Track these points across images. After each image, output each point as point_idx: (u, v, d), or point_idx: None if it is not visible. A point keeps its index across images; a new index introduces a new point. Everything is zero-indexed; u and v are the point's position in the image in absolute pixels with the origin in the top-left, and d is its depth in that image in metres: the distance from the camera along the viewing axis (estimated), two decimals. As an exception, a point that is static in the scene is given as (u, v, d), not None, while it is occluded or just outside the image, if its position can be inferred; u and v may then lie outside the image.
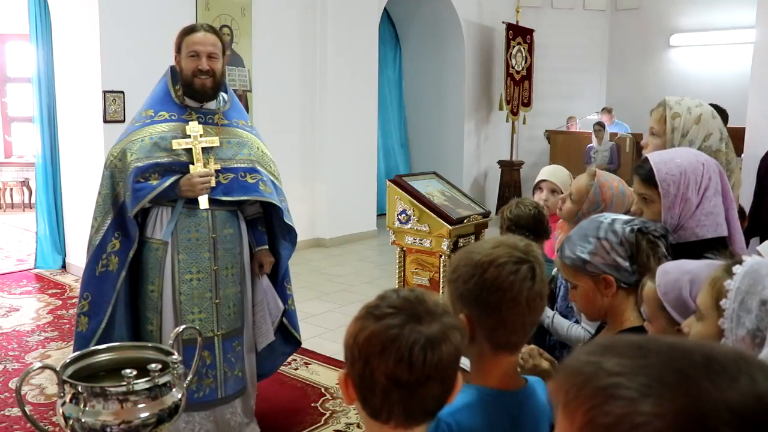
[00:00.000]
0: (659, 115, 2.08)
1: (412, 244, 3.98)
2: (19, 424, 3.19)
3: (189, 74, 2.67)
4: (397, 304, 1.03)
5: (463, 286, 1.26)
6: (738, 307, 1.10)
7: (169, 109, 2.72)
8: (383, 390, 0.99)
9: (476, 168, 9.74)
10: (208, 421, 2.80)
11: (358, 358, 1.01)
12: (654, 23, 10.01)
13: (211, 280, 2.74)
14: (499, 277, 1.23)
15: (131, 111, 5.33)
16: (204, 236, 2.71)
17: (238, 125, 2.85)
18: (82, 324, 2.69)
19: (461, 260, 1.29)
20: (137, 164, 2.60)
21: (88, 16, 5.40)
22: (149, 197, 2.60)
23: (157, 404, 1.72)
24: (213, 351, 2.77)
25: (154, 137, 2.65)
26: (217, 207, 2.73)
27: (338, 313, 5.04)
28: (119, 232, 2.67)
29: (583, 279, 1.59)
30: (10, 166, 9.47)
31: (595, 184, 2.22)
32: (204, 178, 2.63)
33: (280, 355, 3.20)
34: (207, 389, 2.76)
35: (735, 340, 1.09)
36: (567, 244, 1.63)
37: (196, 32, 2.69)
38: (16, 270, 6.13)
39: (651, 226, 1.60)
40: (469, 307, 1.26)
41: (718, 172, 1.75)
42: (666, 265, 1.44)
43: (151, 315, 2.73)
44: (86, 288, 2.70)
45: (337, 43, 7.25)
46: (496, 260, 1.24)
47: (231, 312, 2.82)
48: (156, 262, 2.70)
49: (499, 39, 9.40)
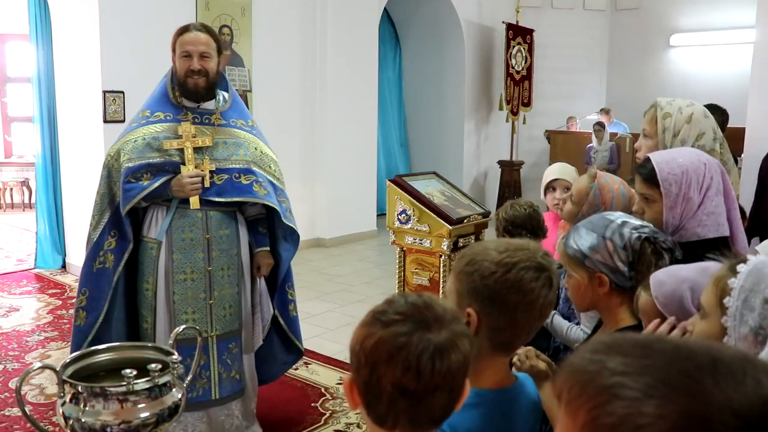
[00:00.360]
0: (650, 117, 2.08)
1: (412, 244, 3.98)
2: (19, 424, 3.19)
3: (182, 74, 2.68)
4: (405, 310, 1.01)
5: (481, 281, 1.25)
6: (741, 305, 1.10)
7: (165, 109, 2.73)
8: (390, 398, 0.97)
9: (476, 168, 9.74)
10: (201, 422, 2.78)
11: (364, 364, 0.99)
12: (654, 23, 10.01)
13: (206, 281, 2.74)
14: (522, 280, 1.24)
15: (131, 111, 5.33)
16: (198, 237, 2.71)
17: (236, 125, 2.83)
18: (80, 318, 2.74)
19: (479, 254, 1.28)
20: (128, 164, 2.64)
21: (88, 16, 5.40)
22: (139, 197, 2.63)
23: (157, 404, 1.73)
24: (207, 352, 2.77)
25: (147, 138, 2.67)
26: (212, 208, 2.72)
27: (338, 313, 5.04)
28: (115, 230, 2.71)
29: (580, 271, 1.59)
30: (10, 166, 9.47)
31: (595, 186, 2.22)
32: (194, 179, 2.63)
33: (281, 364, 3.18)
34: (200, 390, 2.75)
35: (738, 338, 1.10)
36: (574, 234, 1.63)
37: (188, 32, 2.69)
38: (16, 270, 6.13)
39: (661, 237, 1.59)
40: (482, 302, 1.26)
41: (720, 171, 1.75)
42: (658, 275, 1.43)
43: (146, 313, 2.75)
44: (84, 284, 2.74)
45: (337, 43, 7.25)
46: (520, 263, 1.25)
47: (227, 313, 2.80)
48: (151, 261, 2.71)
49: (499, 39, 9.40)
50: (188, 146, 2.66)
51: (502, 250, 1.28)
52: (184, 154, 2.66)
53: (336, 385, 3.71)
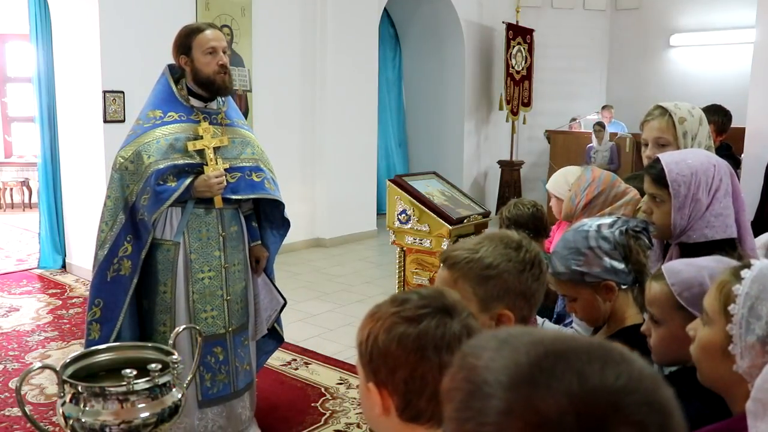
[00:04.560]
0: (665, 124, 2.04)
1: (412, 244, 3.98)
2: (19, 424, 3.19)
3: (210, 72, 2.65)
4: (427, 303, 1.04)
5: (515, 279, 1.32)
6: (747, 313, 1.07)
7: (177, 109, 2.70)
8: (433, 390, 0.97)
9: (476, 168, 9.74)
10: (221, 417, 2.82)
11: (403, 363, 1.00)
12: (654, 23, 10.01)
13: (222, 278, 2.78)
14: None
15: (131, 111, 5.35)
16: (214, 235, 2.74)
17: (239, 124, 2.89)
18: (94, 331, 2.64)
19: (496, 258, 1.34)
20: (157, 166, 2.57)
21: (88, 16, 5.40)
22: (172, 199, 2.58)
23: (157, 404, 1.73)
24: (225, 347, 2.80)
25: (168, 138, 2.63)
26: (224, 205, 2.76)
27: (338, 313, 5.04)
28: (131, 235, 2.63)
29: (583, 290, 1.60)
30: (10, 166, 9.47)
31: (587, 169, 2.29)
32: (219, 178, 2.65)
33: (264, 353, 3.24)
34: (221, 385, 2.80)
35: (744, 347, 1.07)
36: (556, 259, 1.63)
37: (206, 30, 2.69)
38: (16, 270, 6.13)
39: (632, 223, 1.63)
40: (515, 299, 1.33)
41: (729, 173, 1.75)
42: (672, 266, 1.43)
43: (163, 316, 2.71)
44: (97, 294, 2.65)
45: (337, 43, 7.25)
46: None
47: (239, 307, 2.87)
48: (167, 263, 2.69)
49: (499, 39, 9.40)
50: (210, 146, 2.67)
51: (512, 244, 1.37)
52: (205, 155, 2.65)
53: (336, 385, 3.72)
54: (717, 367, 1.13)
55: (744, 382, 1.07)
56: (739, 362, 1.07)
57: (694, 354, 1.18)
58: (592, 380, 0.53)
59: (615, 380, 0.53)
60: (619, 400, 0.52)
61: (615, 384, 0.53)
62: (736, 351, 1.08)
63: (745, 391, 1.05)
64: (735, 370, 1.08)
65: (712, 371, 1.15)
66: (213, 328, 2.75)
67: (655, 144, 2.07)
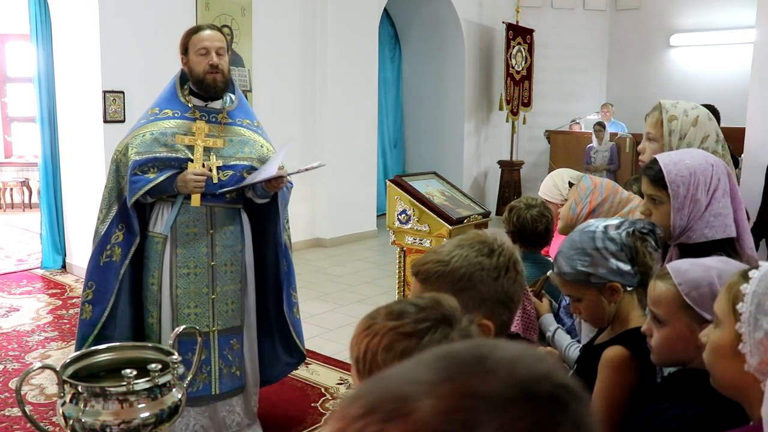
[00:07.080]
0: (655, 119, 2.07)
1: (412, 244, 3.98)
2: (19, 424, 3.19)
3: (200, 71, 2.71)
4: (425, 316, 0.99)
5: (490, 287, 1.27)
6: (755, 310, 1.07)
7: (173, 107, 2.77)
8: None
9: (476, 168, 9.74)
10: (203, 417, 2.82)
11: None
12: (654, 23, 10.01)
13: (208, 276, 2.78)
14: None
15: (131, 111, 5.34)
16: (201, 231, 2.76)
17: (242, 124, 2.89)
18: (86, 311, 2.76)
19: (469, 268, 1.27)
20: (136, 158, 2.67)
21: (88, 16, 5.40)
22: (145, 189, 2.65)
23: (157, 404, 1.73)
24: (208, 346, 2.81)
25: (155, 133, 2.70)
26: (217, 204, 2.76)
27: (338, 313, 5.04)
28: (122, 224, 2.74)
29: (588, 291, 1.61)
30: (10, 166, 9.47)
31: (585, 176, 2.27)
32: (198, 177, 2.66)
33: (284, 366, 3.19)
34: (201, 384, 2.79)
35: (753, 344, 1.07)
36: (562, 259, 1.63)
37: (203, 30, 2.76)
38: (16, 270, 6.13)
39: (639, 224, 1.63)
40: (493, 307, 1.27)
41: (726, 173, 1.75)
42: (678, 265, 1.42)
43: (151, 308, 2.78)
44: (91, 277, 2.76)
45: (337, 43, 7.25)
46: (512, 257, 1.30)
47: (229, 309, 2.84)
48: (156, 256, 2.75)
49: (499, 39, 9.40)
50: (199, 144, 2.70)
51: (485, 250, 1.30)
52: (194, 151, 2.69)
53: (336, 385, 3.72)
54: (728, 368, 1.12)
55: (757, 383, 1.07)
56: (750, 360, 1.07)
57: (706, 359, 1.17)
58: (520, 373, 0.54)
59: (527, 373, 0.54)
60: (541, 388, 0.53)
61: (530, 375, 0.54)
62: (745, 350, 1.08)
63: (759, 392, 1.05)
64: (746, 369, 1.08)
65: (724, 373, 1.14)
66: (196, 325, 2.70)
67: (646, 138, 2.12)
